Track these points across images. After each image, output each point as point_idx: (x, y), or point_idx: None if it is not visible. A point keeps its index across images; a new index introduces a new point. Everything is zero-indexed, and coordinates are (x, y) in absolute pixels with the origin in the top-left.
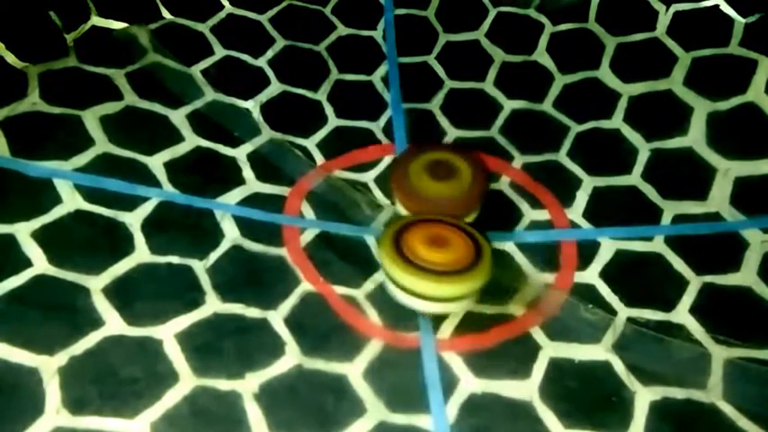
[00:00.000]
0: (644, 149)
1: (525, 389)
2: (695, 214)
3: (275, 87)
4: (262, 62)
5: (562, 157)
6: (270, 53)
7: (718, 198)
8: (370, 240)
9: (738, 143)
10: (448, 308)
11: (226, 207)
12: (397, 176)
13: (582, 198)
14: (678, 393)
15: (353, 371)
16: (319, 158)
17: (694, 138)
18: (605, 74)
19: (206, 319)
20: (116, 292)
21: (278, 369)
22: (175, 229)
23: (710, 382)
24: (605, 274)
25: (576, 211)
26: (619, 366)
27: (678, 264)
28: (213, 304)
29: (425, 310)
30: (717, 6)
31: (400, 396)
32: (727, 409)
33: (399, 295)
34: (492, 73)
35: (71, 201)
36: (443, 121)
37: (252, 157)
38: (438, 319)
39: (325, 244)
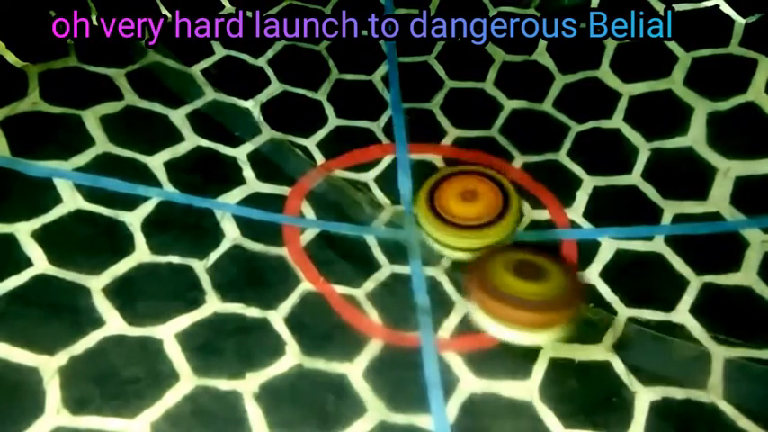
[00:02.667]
0: (644, 149)
1: (525, 389)
2: (695, 214)
3: (275, 87)
4: (262, 62)
5: (562, 156)
6: (270, 53)
7: (719, 198)
8: (371, 240)
9: (738, 143)
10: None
11: (226, 207)
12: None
13: (582, 198)
14: (678, 393)
15: (354, 370)
16: (320, 158)
17: (694, 137)
18: (605, 74)
19: (206, 319)
20: (116, 292)
21: (278, 369)
22: (176, 229)
23: (711, 382)
24: (605, 274)
25: (576, 211)
26: (619, 366)
27: (678, 263)
28: (213, 304)
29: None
30: (717, 6)
31: (400, 396)
32: (728, 408)
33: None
34: (492, 73)
35: (71, 200)
36: (444, 121)
37: (252, 157)
38: (438, 319)
39: (326, 244)
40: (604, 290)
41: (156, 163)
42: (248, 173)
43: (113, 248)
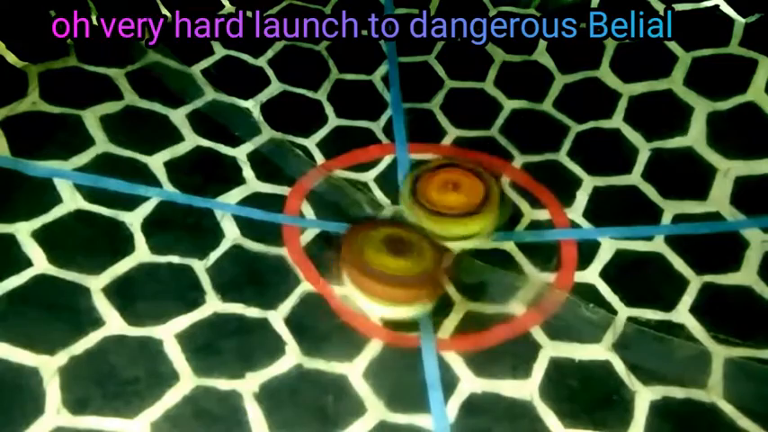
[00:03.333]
0: (644, 149)
1: (525, 388)
2: (695, 214)
3: (275, 87)
4: (262, 62)
5: (562, 156)
6: (270, 53)
7: (719, 198)
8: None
9: (739, 143)
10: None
11: (226, 207)
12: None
13: (582, 198)
14: (678, 393)
15: (354, 371)
16: (319, 158)
17: (694, 137)
18: (605, 74)
19: (206, 319)
20: (116, 292)
21: (278, 369)
22: (176, 229)
23: (711, 382)
24: (605, 274)
25: (576, 211)
26: (619, 366)
27: (678, 263)
28: (213, 304)
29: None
30: (717, 6)
31: (400, 396)
32: (728, 408)
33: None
34: (492, 73)
35: (71, 200)
36: (444, 121)
37: (252, 157)
38: (438, 319)
39: (326, 244)
40: (604, 290)
41: (156, 163)
42: (248, 173)
43: (113, 248)
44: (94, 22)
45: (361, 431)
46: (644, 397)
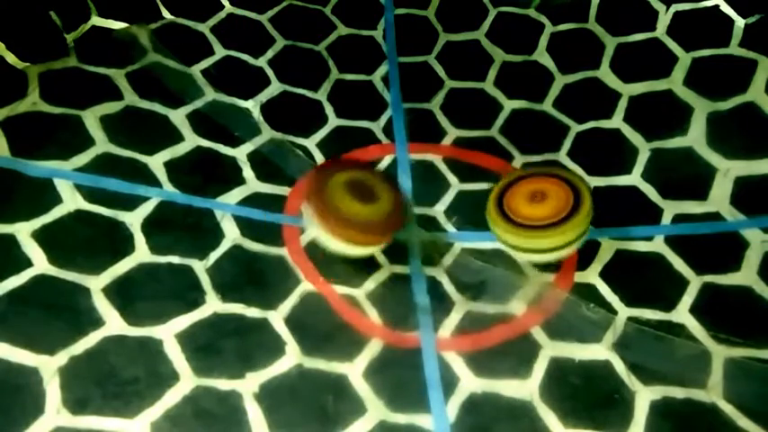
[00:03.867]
0: (644, 149)
1: (526, 388)
2: (695, 214)
3: (275, 87)
4: (262, 62)
5: (562, 156)
6: (270, 53)
7: (719, 198)
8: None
9: (738, 143)
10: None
11: (226, 207)
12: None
13: None
14: (679, 392)
15: (354, 370)
16: (320, 158)
17: (694, 137)
18: (605, 74)
19: (206, 319)
20: (116, 292)
21: (278, 369)
22: (176, 229)
23: (711, 382)
24: (606, 274)
25: None
26: (619, 366)
27: (678, 263)
28: (213, 304)
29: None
30: (717, 6)
31: (401, 395)
32: (728, 408)
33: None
34: (492, 73)
35: (71, 201)
36: (444, 121)
37: (252, 157)
38: (438, 319)
39: None
40: (604, 290)
41: (156, 163)
42: (248, 173)
43: (113, 249)
44: (94, 23)
45: (362, 431)
46: (644, 397)
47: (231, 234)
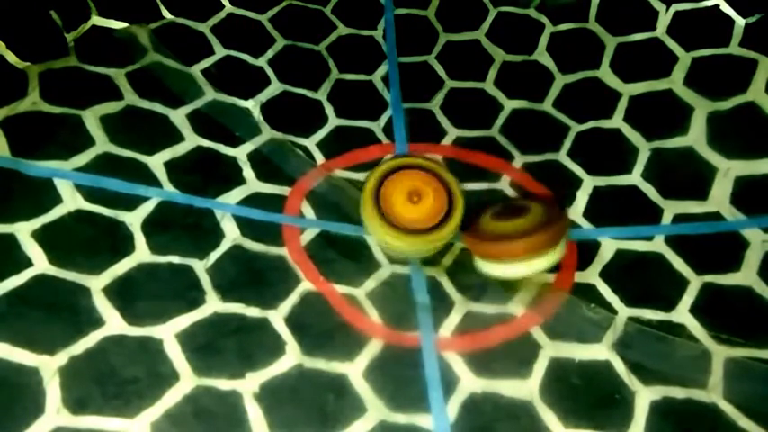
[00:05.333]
0: (644, 149)
1: (526, 388)
2: (696, 214)
3: (275, 87)
4: (262, 62)
5: (562, 156)
6: (270, 53)
7: (719, 197)
8: (371, 239)
9: (739, 143)
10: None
11: (226, 207)
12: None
13: (582, 198)
14: (679, 392)
15: (354, 370)
16: (320, 158)
17: (695, 137)
18: (605, 74)
19: (206, 319)
20: (117, 292)
21: (278, 368)
22: (176, 229)
23: (711, 381)
24: (606, 274)
25: (576, 211)
26: (619, 366)
27: (678, 263)
28: (214, 304)
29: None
30: (717, 6)
31: (401, 395)
32: (728, 408)
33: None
34: (492, 73)
35: (71, 201)
36: (444, 121)
37: (252, 157)
38: (439, 318)
39: (326, 243)
40: (605, 290)
41: (156, 163)
42: (248, 173)
43: (113, 248)
44: (94, 22)
45: (362, 431)
46: (644, 396)
47: (231, 234)
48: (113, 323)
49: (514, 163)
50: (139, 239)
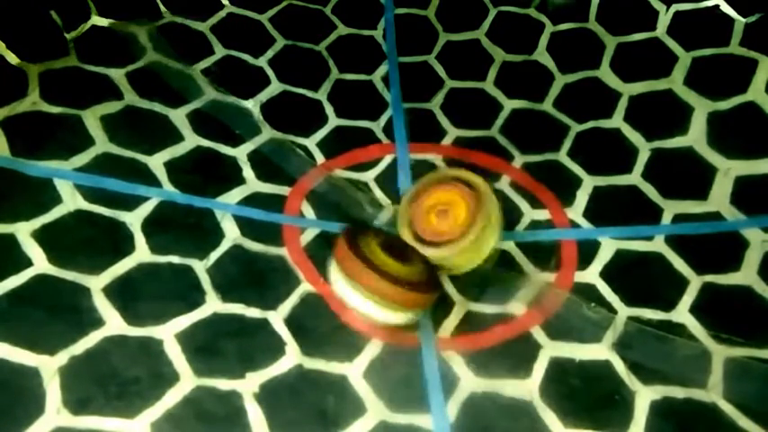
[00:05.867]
0: (644, 149)
1: (526, 388)
2: (696, 214)
3: (275, 87)
4: (262, 62)
5: (562, 156)
6: (270, 53)
7: (719, 197)
8: None
9: (739, 143)
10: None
11: (226, 207)
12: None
13: (582, 198)
14: (679, 392)
15: (354, 371)
16: (320, 158)
17: (695, 137)
18: (605, 73)
19: (206, 320)
20: (117, 292)
21: (278, 369)
22: (176, 229)
23: (711, 381)
24: (606, 274)
25: (576, 211)
26: (619, 366)
27: (678, 263)
28: (214, 304)
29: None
30: (717, 6)
31: (401, 396)
32: (728, 407)
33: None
34: (492, 72)
35: (71, 200)
36: (444, 121)
37: (252, 157)
38: (438, 319)
39: (326, 243)
40: (605, 289)
41: (156, 163)
42: (248, 173)
43: (113, 248)
44: (94, 22)
45: (362, 431)
46: (644, 396)
47: (231, 234)
48: (114, 323)
49: (514, 163)
50: (139, 239)
